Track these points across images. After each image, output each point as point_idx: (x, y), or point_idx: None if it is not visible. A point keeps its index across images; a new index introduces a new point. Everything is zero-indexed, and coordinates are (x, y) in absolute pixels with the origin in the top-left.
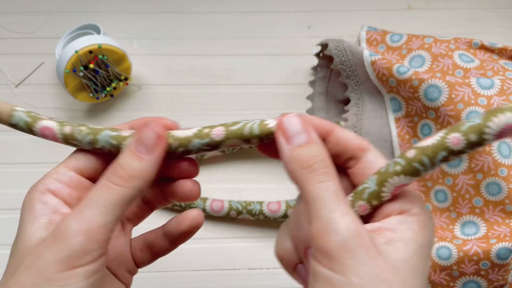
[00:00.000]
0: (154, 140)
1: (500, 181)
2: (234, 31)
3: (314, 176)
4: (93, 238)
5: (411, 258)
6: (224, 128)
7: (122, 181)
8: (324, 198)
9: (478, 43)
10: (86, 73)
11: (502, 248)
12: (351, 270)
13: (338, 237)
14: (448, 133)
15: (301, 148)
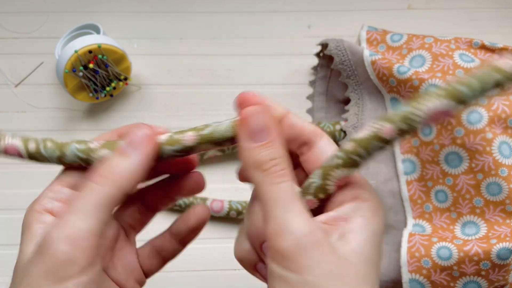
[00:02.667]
0: (141, 138)
1: (501, 181)
2: (234, 31)
3: (271, 178)
4: (77, 245)
5: (364, 248)
6: (194, 133)
7: (105, 181)
8: (279, 199)
9: (479, 43)
10: (85, 73)
11: (502, 249)
12: (305, 269)
13: (292, 237)
14: (381, 123)
15: (261, 148)
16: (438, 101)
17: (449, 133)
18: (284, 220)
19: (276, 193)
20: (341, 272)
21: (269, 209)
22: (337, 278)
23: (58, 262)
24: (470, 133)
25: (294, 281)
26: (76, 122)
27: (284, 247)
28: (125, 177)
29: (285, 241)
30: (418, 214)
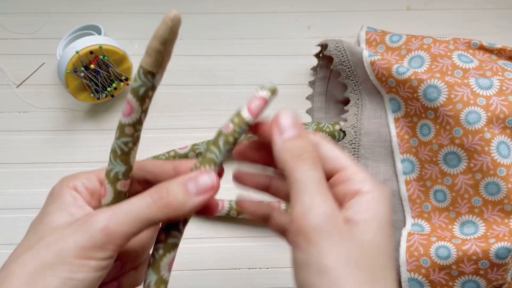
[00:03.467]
0: (207, 187)
1: (499, 181)
2: (234, 31)
3: (302, 165)
4: (113, 240)
5: (376, 238)
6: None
7: (162, 206)
8: (307, 185)
9: (477, 44)
10: (87, 74)
11: (501, 248)
12: (324, 253)
13: (317, 220)
14: (223, 125)
15: (293, 140)
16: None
17: (448, 133)
18: (310, 204)
19: (307, 179)
20: (358, 258)
21: (297, 193)
22: (355, 265)
23: (93, 244)
24: (469, 133)
25: (314, 265)
26: (77, 122)
27: (307, 229)
28: (177, 210)
29: (309, 224)
30: (417, 214)
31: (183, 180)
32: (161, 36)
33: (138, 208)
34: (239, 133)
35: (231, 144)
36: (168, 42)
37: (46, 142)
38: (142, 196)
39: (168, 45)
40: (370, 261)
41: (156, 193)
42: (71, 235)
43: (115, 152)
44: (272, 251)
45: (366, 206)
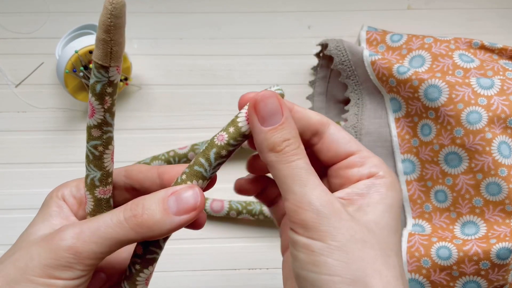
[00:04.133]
0: (190, 206)
1: (500, 181)
2: (234, 31)
3: (285, 157)
4: (81, 260)
5: (381, 218)
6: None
7: (135, 226)
8: (295, 175)
9: (478, 43)
10: (86, 73)
11: (502, 248)
12: (328, 235)
13: (312, 207)
14: (217, 134)
15: (275, 131)
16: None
17: (449, 133)
18: (302, 193)
19: (292, 170)
20: (363, 237)
21: (286, 186)
22: (360, 242)
23: (58, 264)
24: (470, 133)
25: (318, 247)
26: (76, 122)
27: (306, 218)
28: (153, 231)
29: (306, 212)
30: (418, 214)
31: (162, 196)
32: (102, 24)
33: (107, 226)
34: (233, 146)
35: (223, 157)
36: (112, 30)
37: (45, 142)
38: (114, 212)
39: (113, 33)
40: (376, 239)
41: (130, 210)
42: (37, 252)
43: (87, 157)
44: (272, 251)
45: (376, 189)
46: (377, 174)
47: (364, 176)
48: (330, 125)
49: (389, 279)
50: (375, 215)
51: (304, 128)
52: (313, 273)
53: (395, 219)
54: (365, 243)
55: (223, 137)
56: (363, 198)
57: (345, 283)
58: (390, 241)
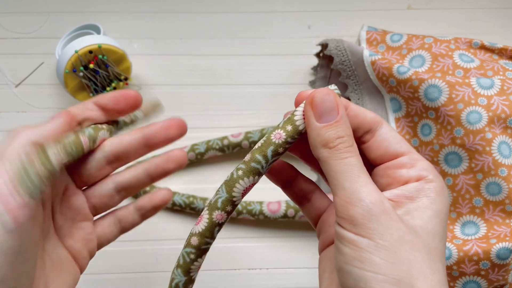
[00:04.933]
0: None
1: (500, 181)
2: (234, 31)
3: (339, 154)
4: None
5: (429, 224)
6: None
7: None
8: (347, 172)
9: (478, 43)
10: (86, 73)
11: (502, 248)
12: (376, 233)
13: (362, 204)
14: (272, 131)
15: (330, 127)
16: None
17: (449, 133)
18: (353, 190)
19: (344, 166)
20: (411, 239)
21: (337, 181)
22: (408, 244)
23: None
24: (470, 133)
25: (365, 244)
26: None
27: (355, 214)
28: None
29: (355, 209)
30: None
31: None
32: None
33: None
34: (289, 143)
35: (279, 154)
36: None
37: None
38: None
39: None
40: (423, 243)
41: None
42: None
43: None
44: (272, 251)
45: (425, 193)
46: (427, 178)
47: (413, 179)
48: (383, 124)
49: (434, 283)
50: (423, 220)
51: (358, 126)
52: (357, 268)
53: (442, 226)
54: (413, 245)
55: (281, 135)
56: (411, 202)
57: (390, 282)
58: (436, 246)
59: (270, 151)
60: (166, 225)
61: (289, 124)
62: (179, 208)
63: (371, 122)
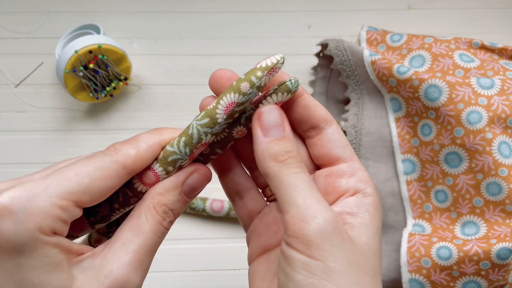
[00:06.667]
0: (203, 187)
1: (501, 181)
2: (234, 31)
3: (289, 168)
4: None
5: (372, 242)
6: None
7: (170, 226)
8: (298, 187)
9: (479, 43)
10: (86, 73)
11: (502, 248)
12: (329, 256)
13: (316, 222)
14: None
15: (277, 142)
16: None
17: (449, 133)
18: (306, 206)
19: (296, 181)
20: (359, 262)
21: (289, 198)
22: (357, 268)
23: None
24: (470, 133)
25: (319, 269)
26: (76, 122)
27: (308, 232)
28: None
29: (309, 227)
30: (418, 214)
31: (179, 191)
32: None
33: (156, 242)
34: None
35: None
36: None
37: (44, 142)
38: (155, 227)
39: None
40: (369, 264)
41: (167, 219)
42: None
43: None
44: None
45: (366, 209)
46: (364, 191)
47: (351, 190)
48: (332, 124)
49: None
50: (368, 238)
51: (306, 118)
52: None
53: (380, 242)
54: (361, 268)
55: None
56: (354, 218)
57: None
58: (378, 265)
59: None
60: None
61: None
62: None
63: (320, 118)
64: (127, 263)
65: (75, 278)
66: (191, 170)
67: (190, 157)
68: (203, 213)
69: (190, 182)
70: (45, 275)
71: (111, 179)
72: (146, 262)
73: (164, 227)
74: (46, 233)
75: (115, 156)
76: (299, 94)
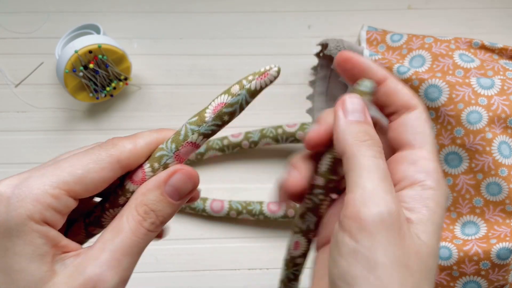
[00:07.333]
0: (190, 190)
1: (501, 181)
2: (234, 31)
3: (367, 150)
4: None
5: (430, 241)
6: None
7: (155, 228)
8: (373, 171)
9: (479, 43)
10: (86, 73)
11: (502, 248)
12: (379, 247)
13: (377, 210)
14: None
15: (358, 124)
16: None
17: (449, 133)
18: (373, 192)
19: (372, 165)
20: (409, 262)
21: (359, 179)
22: (405, 268)
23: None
24: (470, 133)
25: (364, 258)
26: (76, 122)
27: (366, 217)
28: (166, 223)
29: (369, 212)
30: None
31: (162, 192)
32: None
33: (138, 243)
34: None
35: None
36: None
37: (44, 142)
38: (135, 228)
39: None
40: (420, 265)
41: (147, 220)
42: None
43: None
44: (272, 251)
45: (425, 204)
46: (423, 183)
47: (408, 180)
48: (415, 110)
49: None
50: (427, 236)
51: (388, 104)
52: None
53: (439, 240)
54: (408, 269)
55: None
56: (411, 213)
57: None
58: (432, 266)
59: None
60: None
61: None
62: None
63: (401, 105)
64: (102, 261)
65: (56, 274)
66: (173, 170)
67: (175, 156)
68: (203, 213)
69: (173, 182)
70: (25, 263)
71: (105, 172)
72: (126, 263)
73: (145, 228)
74: (36, 221)
75: (111, 150)
76: (382, 79)
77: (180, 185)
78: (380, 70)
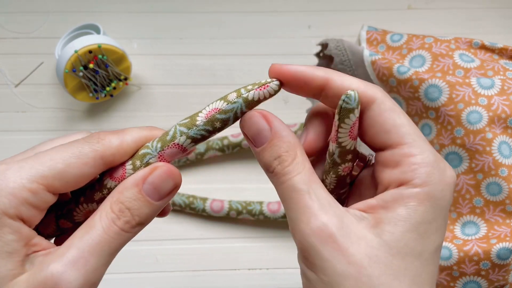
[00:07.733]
0: (170, 189)
1: (501, 181)
2: (234, 31)
3: (277, 179)
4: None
5: (400, 240)
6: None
7: (131, 228)
8: (286, 199)
9: (479, 43)
10: (85, 73)
11: (502, 248)
12: (319, 268)
13: (302, 235)
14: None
15: (265, 151)
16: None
17: (449, 133)
18: (293, 219)
19: (285, 193)
20: (353, 272)
21: (285, 209)
22: (352, 279)
23: None
24: (470, 133)
25: (313, 279)
26: (76, 122)
27: (299, 246)
28: (145, 224)
29: (298, 240)
30: None
31: (139, 190)
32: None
33: (109, 243)
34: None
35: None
36: None
37: None
38: (107, 226)
39: None
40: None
41: (121, 219)
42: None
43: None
44: (272, 252)
45: (404, 203)
46: (412, 182)
47: (395, 182)
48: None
49: None
50: (393, 236)
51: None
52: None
53: (420, 240)
54: (357, 279)
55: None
56: (386, 211)
57: None
58: (406, 267)
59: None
60: (166, 225)
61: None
62: (179, 208)
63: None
64: (66, 259)
65: (25, 272)
66: (153, 167)
67: (159, 156)
68: (203, 213)
69: (152, 180)
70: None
71: (87, 167)
72: (94, 263)
73: (118, 227)
74: (9, 216)
75: (96, 145)
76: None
77: (160, 184)
78: (317, 73)
